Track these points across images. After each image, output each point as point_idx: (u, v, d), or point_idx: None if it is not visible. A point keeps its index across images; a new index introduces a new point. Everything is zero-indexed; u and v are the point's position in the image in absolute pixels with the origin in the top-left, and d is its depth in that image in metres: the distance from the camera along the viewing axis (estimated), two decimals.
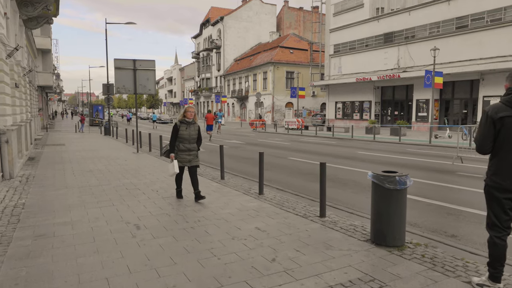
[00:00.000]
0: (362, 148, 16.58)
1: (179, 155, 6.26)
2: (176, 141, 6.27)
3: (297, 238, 4.47)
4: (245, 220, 5.26)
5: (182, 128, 6.23)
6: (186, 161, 6.32)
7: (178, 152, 6.26)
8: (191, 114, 6.29)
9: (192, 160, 6.36)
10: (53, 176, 8.86)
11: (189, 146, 6.30)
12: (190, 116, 6.28)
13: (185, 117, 6.30)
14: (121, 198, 6.60)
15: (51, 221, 5.11)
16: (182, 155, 6.27)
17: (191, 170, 6.40)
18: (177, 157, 6.26)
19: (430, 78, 21.37)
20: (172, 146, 6.30)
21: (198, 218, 5.32)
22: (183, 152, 6.27)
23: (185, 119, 6.29)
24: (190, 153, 6.33)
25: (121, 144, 17.78)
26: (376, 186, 4.19)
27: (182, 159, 6.28)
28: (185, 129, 6.23)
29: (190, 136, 6.28)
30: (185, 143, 6.27)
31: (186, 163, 6.33)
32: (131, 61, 13.91)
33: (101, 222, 5.08)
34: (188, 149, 6.30)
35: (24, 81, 14.35)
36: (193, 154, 6.36)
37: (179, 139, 6.24)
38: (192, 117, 6.30)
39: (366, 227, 4.93)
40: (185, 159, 6.31)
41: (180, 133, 6.21)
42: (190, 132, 6.28)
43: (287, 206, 6.07)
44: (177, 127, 6.23)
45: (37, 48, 27.04)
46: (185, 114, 6.31)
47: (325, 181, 5.39)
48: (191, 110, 6.33)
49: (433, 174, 9.47)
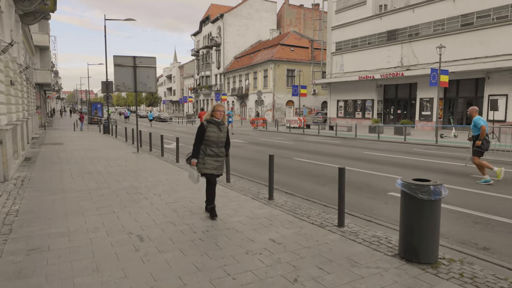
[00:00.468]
0: (367, 148, 16.17)
1: (205, 161, 5.33)
2: (201, 145, 5.35)
3: (317, 253, 4.06)
4: (258, 230, 4.85)
5: (210, 129, 5.30)
6: (212, 168, 5.36)
7: (204, 157, 5.33)
8: (220, 113, 5.34)
9: (219, 168, 5.43)
10: (50, 178, 8.42)
11: (217, 150, 5.37)
12: (219, 116, 5.32)
13: (214, 116, 5.33)
14: (122, 204, 6.17)
15: (47, 231, 4.69)
16: (208, 161, 5.34)
17: (212, 178, 5.46)
18: (203, 163, 5.32)
19: (436, 76, 20.96)
20: (196, 151, 5.35)
21: (206, 228, 4.90)
22: (211, 157, 5.35)
23: (213, 118, 5.33)
24: (218, 159, 5.40)
25: (121, 143, 17.34)
26: (407, 196, 3.78)
27: (209, 165, 5.34)
28: (213, 130, 5.31)
29: (219, 138, 5.35)
30: (212, 147, 5.33)
31: (212, 170, 5.36)
32: (131, 58, 13.46)
33: (101, 233, 4.65)
34: (216, 154, 5.37)
35: (21, 79, 13.89)
36: (220, 160, 5.44)
37: (206, 142, 5.31)
38: (221, 117, 5.36)
39: (390, 239, 4.52)
40: (212, 166, 5.35)
41: (207, 135, 5.28)
42: (220, 134, 5.35)
43: (301, 214, 5.66)
44: (203, 128, 5.31)
45: (35, 45, 26.54)
46: (214, 113, 5.33)
47: (344, 188, 4.97)
48: (220, 109, 5.35)
49: (447, 177, 9.07)
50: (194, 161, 5.35)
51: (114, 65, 13.22)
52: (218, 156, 5.40)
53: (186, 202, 6.30)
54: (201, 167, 5.34)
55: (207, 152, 5.33)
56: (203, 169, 5.35)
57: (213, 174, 5.39)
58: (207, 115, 5.44)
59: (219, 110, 5.35)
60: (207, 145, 5.32)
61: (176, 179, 8.49)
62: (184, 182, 8.09)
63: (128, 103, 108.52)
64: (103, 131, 24.66)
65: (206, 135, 5.29)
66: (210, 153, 5.33)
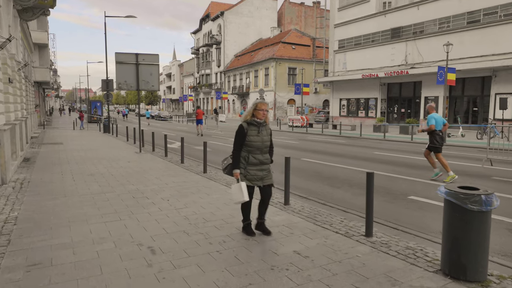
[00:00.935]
0: (375, 148, 15.78)
1: (248, 171, 4.43)
2: (242, 151, 4.46)
3: (350, 268, 3.65)
4: (279, 240, 4.44)
5: (251, 131, 4.41)
6: (258, 179, 4.47)
7: (246, 167, 4.43)
8: (263, 113, 4.45)
9: (265, 178, 4.52)
10: (51, 181, 8.00)
11: (261, 157, 4.48)
12: (262, 116, 4.45)
13: (255, 116, 4.45)
14: (128, 209, 5.76)
15: (48, 242, 4.28)
16: (252, 171, 4.44)
17: (264, 191, 4.59)
18: (244, 174, 4.43)
19: (443, 74, 20.57)
20: (237, 159, 4.42)
21: (223, 238, 4.50)
22: (254, 166, 4.44)
23: (255, 119, 4.45)
24: (263, 167, 4.51)
25: (122, 143, 16.91)
26: (453, 206, 3.38)
27: (253, 177, 4.45)
28: (256, 133, 4.42)
29: (263, 143, 4.47)
30: (256, 154, 4.44)
31: (257, 182, 4.48)
32: (133, 55, 13.05)
33: (108, 244, 4.24)
34: (260, 162, 4.47)
35: (19, 76, 13.44)
36: (266, 168, 4.54)
37: (247, 148, 4.43)
38: (264, 117, 4.48)
39: (426, 251, 4.12)
40: (257, 176, 4.46)
41: (249, 140, 4.40)
42: (263, 138, 4.46)
43: (321, 221, 5.25)
44: (244, 131, 4.40)
45: (34, 43, 26.04)
46: (255, 113, 4.45)
47: (372, 195, 4.56)
48: (263, 108, 4.45)
49: (468, 179, 8.67)
50: (237, 172, 4.38)
51: (116, 62, 12.80)
52: (263, 164, 4.50)
53: (197, 208, 5.89)
54: (242, 179, 4.44)
55: (250, 160, 4.42)
56: (246, 182, 4.43)
57: (259, 186, 4.54)
58: (247, 115, 4.53)
59: (262, 109, 4.45)
60: (249, 152, 4.43)
61: (183, 181, 8.08)
62: (191, 185, 7.68)
63: (128, 101, 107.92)
64: (103, 130, 24.22)
65: (248, 139, 4.40)
66: (253, 161, 4.42)
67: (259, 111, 4.46)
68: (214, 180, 8.20)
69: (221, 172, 9.30)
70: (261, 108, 4.46)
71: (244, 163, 4.44)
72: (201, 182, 8.03)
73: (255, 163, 4.45)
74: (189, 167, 10.01)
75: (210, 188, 7.38)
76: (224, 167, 4.68)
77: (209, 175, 8.87)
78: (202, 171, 9.26)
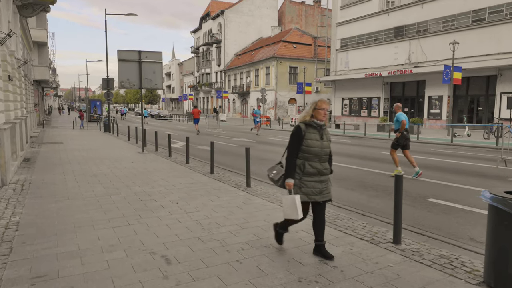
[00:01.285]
0: (382, 148, 15.48)
1: (303, 182, 3.68)
2: (297, 158, 3.71)
3: (385, 281, 3.35)
4: (301, 248, 4.14)
5: (310, 135, 3.69)
6: (316, 193, 3.72)
7: (302, 178, 3.70)
8: (325, 113, 3.73)
9: (324, 191, 3.77)
10: (52, 182, 7.68)
11: (320, 166, 3.72)
12: (323, 117, 3.74)
13: (315, 117, 3.74)
14: (137, 213, 5.44)
15: (54, 251, 3.96)
16: (310, 182, 3.69)
17: (320, 207, 3.84)
18: (299, 185, 3.69)
19: (449, 73, 20.30)
20: (292, 167, 3.69)
21: (241, 245, 4.19)
22: (311, 176, 3.70)
23: (315, 120, 3.74)
24: (322, 178, 3.75)
25: (123, 142, 16.58)
26: (498, 212, 3.07)
27: (310, 190, 3.70)
28: (315, 137, 3.70)
29: (323, 149, 3.72)
30: (313, 162, 3.69)
31: (315, 196, 3.72)
32: (136, 52, 12.72)
33: (118, 253, 3.93)
34: (319, 172, 3.72)
35: (19, 74, 13.10)
36: (325, 180, 3.78)
37: (303, 155, 3.68)
38: (326, 119, 3.78)
39: (462, 260, 3.82)
40: (315, 189, 3.71)
41: (306, 144, 3.66)
42: (323, 143, 3.73)
43: (343, 226, 4.95)
44: (301, 134, 3.68)
45: (33, 41, 25.68)
46: (316, 113, 3.74)
47: (401, 200, 4.25)
48: (325, 107, 3.74)
49: (484, 181, 8.39)
50: (290, 182, 3.67)
51: (118, 60, 12.48)
52: (322, 175, 3.74)
53: (208, 211, 5.58)
54: (297, 191, 3.71)
55: (306, 169, 3.67)
56: (301, 196, 3.71)
57: (318, 202, 3.79)
58: (305, 115, 3.78)
59: (323, 108, 3.71)
60: (306, 159, 3.69)
61: (190, 183, 7.77)
62: (200, 186, 7.37)
63: (127, 100, 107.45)
64: (104, 130, 23.87)
65: (305, 144, 3.66)
66: (310, 170, 3.68)
67: (320, 111, 3.71)
68: (223, 182, 7.89)
69: (229, 173, 9.01)
70: (322, 107, 3.72)
71: (299, 173, 3.69)
72: (209, 183, 7.72)
73: (313, 173, 3.69)
74: (195, 168, 9.70)
75: (219, 190, 7.07)
76: (277, 179, 3.86)
77: (217, 176, 8.56)
78: (209, 172, 8.94)
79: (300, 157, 3.71)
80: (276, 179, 3.89)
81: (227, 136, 21.89)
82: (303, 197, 3.68)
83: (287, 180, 3.69)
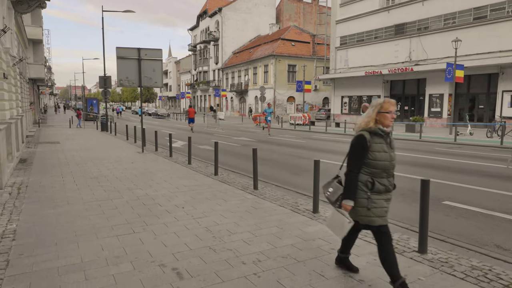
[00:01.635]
0: None
1: (373, 202, 3.04)
2: (362, 174, 3.06)
3: None
4: (321, 258, 3.85)
5: (376, 146, 3.02)
6: (386, 213, 3.12)
7: (371, 196, 3.04)
8: (392, 117, 3.06)
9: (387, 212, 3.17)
10: (50, 185, 7.35)
11: (387, 182, 3.09)
12: (390, 122, 3.07)
13: (380, 122, 3.07)
14: (141, 219, 5.14)
15: (54, 263, 3.65)
16: (379, 201, 3.06)
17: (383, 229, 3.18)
18: (367, 206, 3.04)
19: (452, 71, 20.09)
20: (354, 185, 3.05)
21: (256, 256, 3.90)
22: (380, 195, 3.06)
23: (380, 127, 3.07)
24: (388, 196, 3.13)
25: (122, 142, 16.22)
26: None
27: (382, 210, 3.08)
28: (383, 148, 3.03)
29: (391, 162, 3.07)
30: (381, 178, 3.05)
31: (385, 219, 3.12)
32: (135, 50, 12.39)
33: (125, 265, 3.62)
34: (386, 189, 3.08)
35: (14, 72, 12.72)
36: (390, 198, 3.17)
37: (369, 170, 3.03)
38: (392, 123, 3.12)
39: (496, 271, 3.55)
40: (384, 209, 3.10)
41: (373, 157, 3.00)
42: (391, 155, 3.07)
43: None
44: (366, 145, 3.01)
45: (28, 38, 25.21)
46: (381, 118, 3.05)
47: (428, 206, 3.98)
48: (392, 109, 3.05)
49: (495, 181, 8.14)
50: (350, 204, 3.07)
51: (117, 57, 12.14)
52: (388, 192, 3.12)
53: (217, 217, 5.28)
54: (365, 213, 3.06)
55: (376, 186, 3.02)
56: (369, 219, 3.06)
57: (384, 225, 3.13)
58: (369, 121, 3.06)
59: (391, 111, 3.04)
60: (373, 175, 3.03)
61: (195, 185, 7.47)
62: (205, 189, 7.07)
63: (123, 99, 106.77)
64: (101, 129, 23.47)
65: (372, 156, 3.00)
66: (379, 187, 3.03)
67: (386, 115, 3.02)
68: (228, 184, 7.59)
69: (233, 174, 8.70)
70: (388, 109, 3.02)
71: (366, 190, 3.03)
72: (215, 185, 7.42)
73: (381, 191, 3.04)
74: (197, 169, 9.39)
75: (226, 193, 6.78)
76: (334, 199, 3.21)
77: (221, 177, 8.27)
78: (213, 173, 8.64)
79: (365, 172, 3.05)
80: (333, 200, 3.22)
81: (227, 135, 21.57)
82: (375, 221, 3.06)
83: (346, 202, 3.08)
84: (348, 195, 3.07)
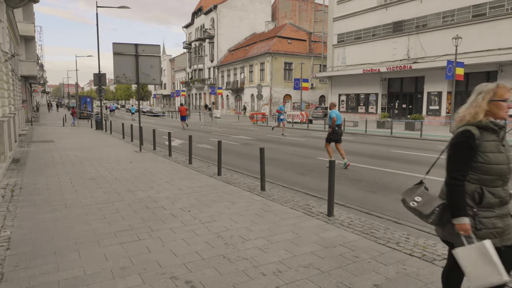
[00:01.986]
0: (389, 146, 15.00)
1: (480, 220, 2.29)
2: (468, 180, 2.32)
3: None
4: (346, 268, 3.54)
5: (488, 144, 2.28)
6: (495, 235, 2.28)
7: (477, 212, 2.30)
8: (509, 106, 2.32)
9: (507, 231, 2.31)
10: (46, 187, 6.96)
11: (503, 193, 2.31)
12: (505, 113, 2.34)
13: (493, 114, 2.34)
14: (146, 224, 4.79)
15: (54, 277, 3.30)
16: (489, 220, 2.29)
17: None
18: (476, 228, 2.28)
19: (452, 69, 19.91)
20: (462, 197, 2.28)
21: (276, 266, 3.57)
22: (492, 211, 2.30)
23: (492, 120, 2.35)
24: (504, 210, 2.33)
25: (118, 141, 15.80)
26: None
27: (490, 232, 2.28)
28: (498, 147, 2.30)
29: (509, 165, 2.32)
30: (495, 186, 2.30)
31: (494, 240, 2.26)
32: (132, 45, 11.99)
33: (132, 278, 3.28)
34: (501, 201, 2.31)
35: (6, 69, 12.26)
36: (507, 213, 2.35)
37: (478, 176, 2.30)
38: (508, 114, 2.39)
39: None
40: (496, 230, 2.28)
41: (485, 160, 2.27)
42: (509, 155, 2.33)
43: (383, 238, 4.37)
44: (473, 144, 2.27)
45: (20, 35, 24.60)
46: (494, 108, 2.32)
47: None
48: (508, 96, 2.31)
49: None
50: (466, 223, 2.25)
51: (114, 53, 11.75)
52: (504, 205, 2.33)
53: (227, 221, 4.95)
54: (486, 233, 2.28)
55: (485, 198, 2.29)
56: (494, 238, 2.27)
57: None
58: (477, 112, 2.33)
59: (507, 99, 2.30)
60: (482, 182, 2.30)
61: (198, 186, 7.13)
62: (209, 191, 6.74)
63: (117, 97, 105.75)
64: (96, 127, 22.99)
65: (482, 159, 2.27)
66: (490, 200, 2.29)
67: (502, 104, 2.30)
68: (233, 185, 7.26)
69: (237, 175, 8.36)
70: (504, 96, 2.30)
71: (472, 205, 2.29)
72: (219, 187, 7.09)
73: (494, 204, 2.28)
74: (199, 169, 9.05)
75: (232, 195, 6.45)
76: (428, 212, 2.40)
77: (225, 178, 7.93)
78: (216, 173, 8.31)
79: (472, 179, 2.31)
80: (426, 213, 2.39)
81: (225, 133, 21.21)
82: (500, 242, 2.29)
83: (460, 220, 2.25)
84: (458, 211, 2.26)
